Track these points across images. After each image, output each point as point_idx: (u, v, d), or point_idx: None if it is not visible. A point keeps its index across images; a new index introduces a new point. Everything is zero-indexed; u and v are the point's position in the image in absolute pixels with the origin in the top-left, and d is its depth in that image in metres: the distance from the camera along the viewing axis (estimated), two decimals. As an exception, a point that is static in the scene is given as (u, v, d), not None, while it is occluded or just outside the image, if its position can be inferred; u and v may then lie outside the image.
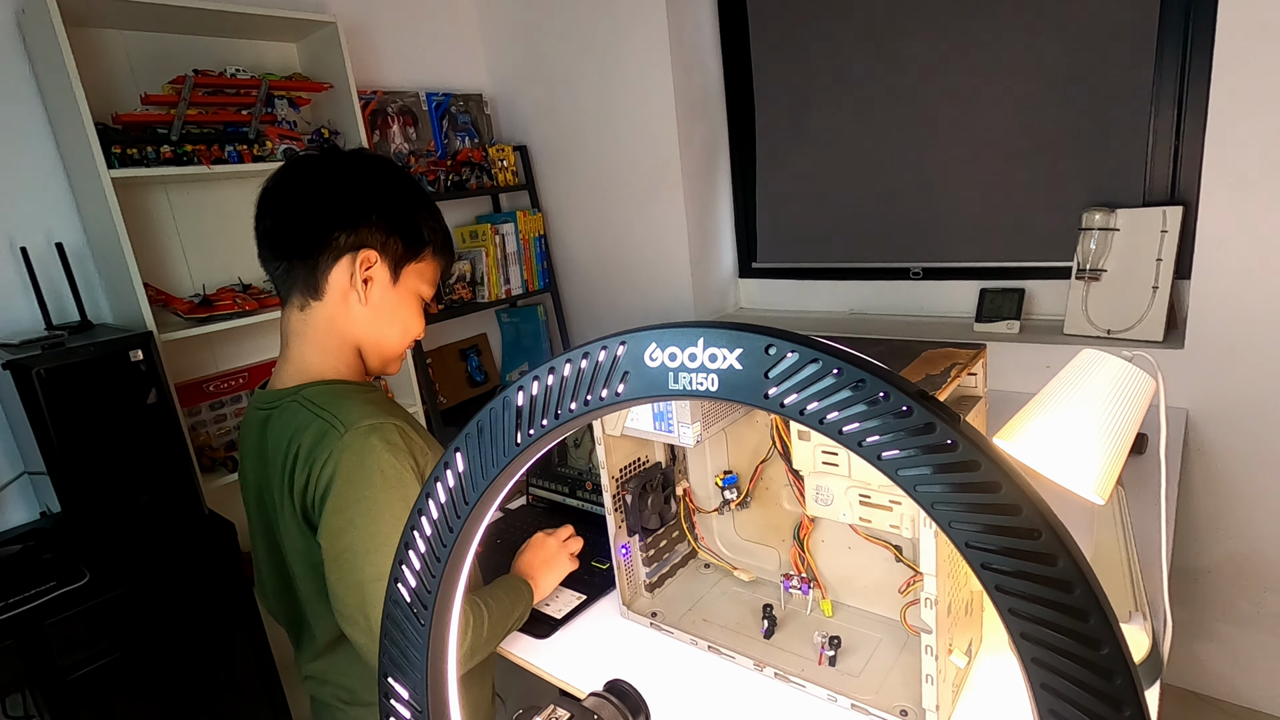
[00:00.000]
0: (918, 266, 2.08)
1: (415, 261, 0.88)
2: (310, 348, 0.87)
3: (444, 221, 0.93)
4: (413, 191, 0.89)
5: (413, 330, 0.91)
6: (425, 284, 0.91)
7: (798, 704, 0.78)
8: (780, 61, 2.21)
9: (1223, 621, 1.66)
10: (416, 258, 0.88)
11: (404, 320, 0.90)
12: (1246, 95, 1.37)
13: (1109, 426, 0.60)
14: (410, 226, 0.87)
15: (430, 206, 0.90)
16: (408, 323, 0.90)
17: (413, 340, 0.93)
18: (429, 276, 0.91)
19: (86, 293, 1.67)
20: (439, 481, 0.38)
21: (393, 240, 0.86)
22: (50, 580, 1.34)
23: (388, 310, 0.88)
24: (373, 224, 0.84)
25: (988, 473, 0.25)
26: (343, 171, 0.86)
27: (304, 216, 0.84)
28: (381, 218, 0.85)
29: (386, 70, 2.30)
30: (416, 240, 0.87)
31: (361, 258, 0.84)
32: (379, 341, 0.89)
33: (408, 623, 0.39)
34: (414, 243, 0.87)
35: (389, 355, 0.91)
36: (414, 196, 0.89)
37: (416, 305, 0.91)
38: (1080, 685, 0.24)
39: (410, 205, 0.88)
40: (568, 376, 0.34)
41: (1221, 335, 1.50)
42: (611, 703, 0.48)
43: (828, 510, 0.72)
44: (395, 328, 0.89)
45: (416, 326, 0.91)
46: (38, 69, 1.60)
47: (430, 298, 0.93)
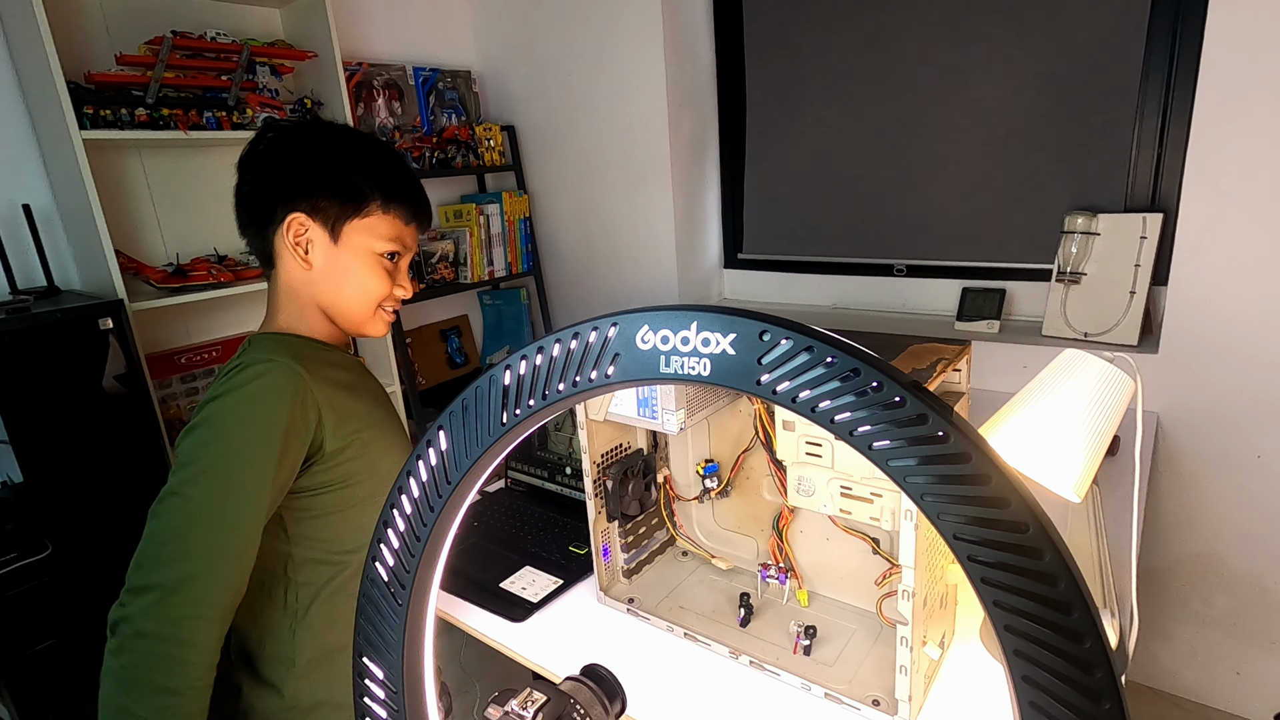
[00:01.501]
0: (901, 263, 2.09)
1: (358, 218, 0.84)
2: (281, 312, 0.88)
3: (399, 171, 0.88)
4: (352, 148, 0.86)
5: (371, 289, 0.87)
6: (380, 239, 0.86)
7: (772, 692, 0.78)
8: (773, 54, 2.20)
9: (1177, 620, 1.71)
10: (359, 214, 0.84)
11: (359, 280, 0.86)
12: (1230, 105, 1.40)
13: (1089, 427, 0.61)
14: (343, 183, 0.83)
15: (376, 161, 0.86)
16: (364, 282, 0.86)
17: (379, 299, 0.88)
18: (383, 231, 0.86)
19: (54, 258, 1.62)
20: (420, 459, 0.37)
21: (325, 201, 0.83)
22: (11, 552, 1.31)
23: (338, 272, 0.85)
24: (302, 187, 0.83)
25: (978, 465, 0.25)
26: (287, 142, 0.85)
27: (249, 190, 0.85)
28: (310, 179, 0.83)
29: (373, 41, 2.24)
30: (353, 196, 0.84)
31: (289, 222, 0.83)
32: (336, 303, 0.87)
33: (384, 602, 0.39)
34: (350, 199, 0.84)
35: (354, 316, 0.88)
36: (352, 153, 0.85)
37: (371, 263, 0.86)
38: (1061, 677, 0.25)
39: (344, 162, 0.84)
40: (556, 357, 0.33)
41: (1195, 342, 1.53)
42: (588, 687, 0.48)
43: (809, 501, 0.73)
44: (350, 288, 0.86)
45: (375, 285, 0.87)
46: (6, 21, 1.54)
47: (399, 251, 0.88)
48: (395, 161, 0.89)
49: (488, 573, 1.06)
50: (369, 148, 0.87)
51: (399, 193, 0.87)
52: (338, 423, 0.82)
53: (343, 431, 0.82)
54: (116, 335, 1.43)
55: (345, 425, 0.83)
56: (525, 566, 1.07)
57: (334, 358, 0.88)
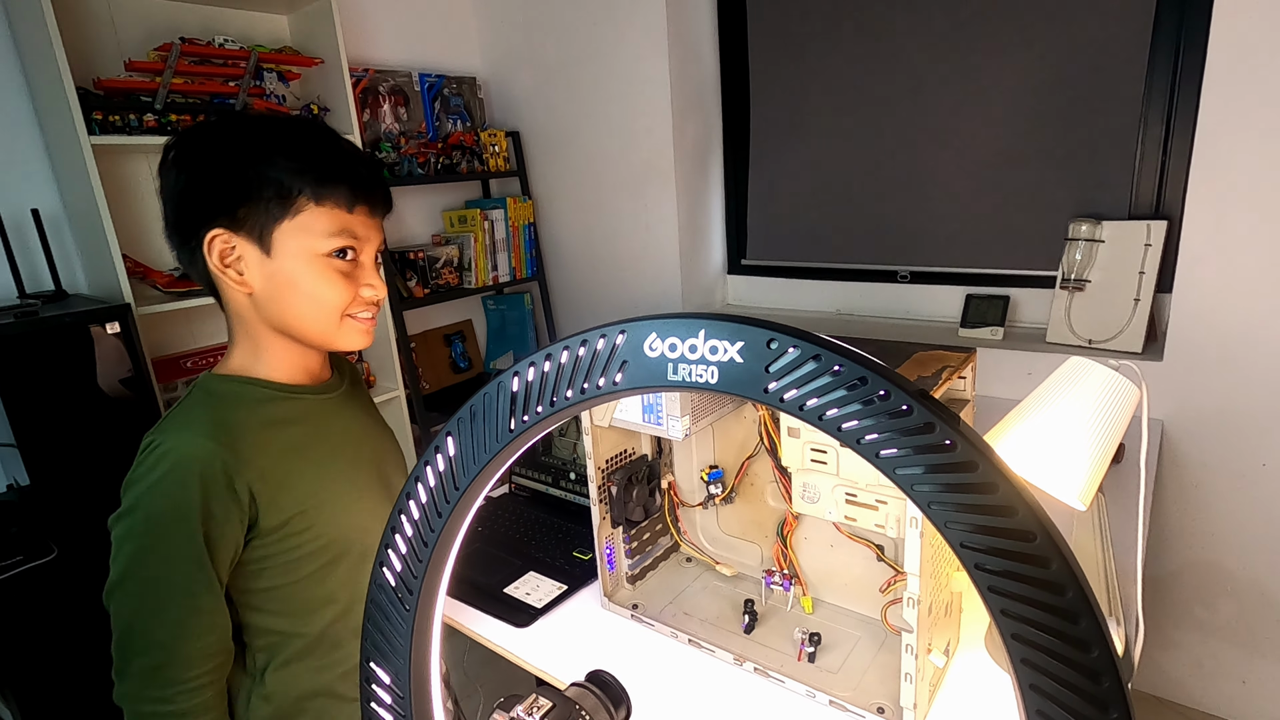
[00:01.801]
0: (905, 270, 2.09)
1: (287, 219, 0.71)
2: (236, 347, 0.79)
3: (327, 150, 0.74)
4: (263, 138, 0.72)
5: (327, 299, 0.73)
6: (320, 237, 0.72)
7: (777, 699, 0.78)
8: (777, 60, 2.20)
9: (1182, 629, 1.70)
10: (286, 214, 0.71)
11: (308, 291, 0.73)
12: (1235, 113, 1.40)
13: (1095, 434, 0.61)
14: (257, 182, 0.70)
15: (295, 145, 0.72)
16: (315, 293, 0.73)
17: (340, 308, 0.75)
18: (321, 227, 0.72)
19: (62, 262, 1.63)
20: (428, 465, 0.38)
21: (243, 208, 0.70)
22: (17, 555, 1.31)
23: (281, 288, 0.73)
24: (214, 198, 0.71)
25: (985, 474, 0.25)
26: (190, 150, 0.73)
27: (166, 212, 0.75)
28: (220, 187, 0.71)
29: (379, 48, 2.26)
30: (274, 194, 0.70)
31: (209, 242, 0.71)
32: (290, 323, 0.75)
33: (392, 608, 0.39)
34: (272, 199, 0.70)
35: (316, 334, 0.76)
36: (264, 144, 0.71)
37: (318, 269, 0.73)
38: (1068, 686, 0.25)
39: (255, 157, 0.71)
40: (565, 364, 0.33)
41: (1199, 349, 1.53)
42: (593, 693, 0.48)
43: (814, 508, 0.73)
44: (300, 304, 0.73)
45: (330, 293, 0.73)
46: (16, 27, 1.55)
47: (352, 246, 0.74)
48: (321, 140, 0.75)
49: (492, 578, 1.06)
50: (284, 132, 0.73)
51: (330, 175, 0.72)
52: (273, 496, 0.73)
53: (281, 505, 0.74)
54: (123, 339, 1.44)
55: (284, 498, 0.74)
56: (529, 572, 1.07)
57: (283, 411, 0.78)
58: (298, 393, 0.80)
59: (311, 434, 0.80)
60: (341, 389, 0.87)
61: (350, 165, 0.74)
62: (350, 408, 0.87)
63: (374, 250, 0.78)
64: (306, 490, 0.77)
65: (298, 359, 0.80)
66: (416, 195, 2.42)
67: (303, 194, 0.71)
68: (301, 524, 0.76)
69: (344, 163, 0.74)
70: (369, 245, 0.77)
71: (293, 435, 0.78)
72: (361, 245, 0.76)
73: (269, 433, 0.75)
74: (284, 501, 0.74)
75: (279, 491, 0.74)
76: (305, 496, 0.76)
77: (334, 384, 0.86)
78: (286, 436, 0.77)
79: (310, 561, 0.78)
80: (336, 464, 0.81)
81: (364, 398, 0.94)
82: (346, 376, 0.91)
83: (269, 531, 0.74)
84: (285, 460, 0.76)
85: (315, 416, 0.81)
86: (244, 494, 0.72)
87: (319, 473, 0.79)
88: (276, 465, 0.74)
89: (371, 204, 0.76)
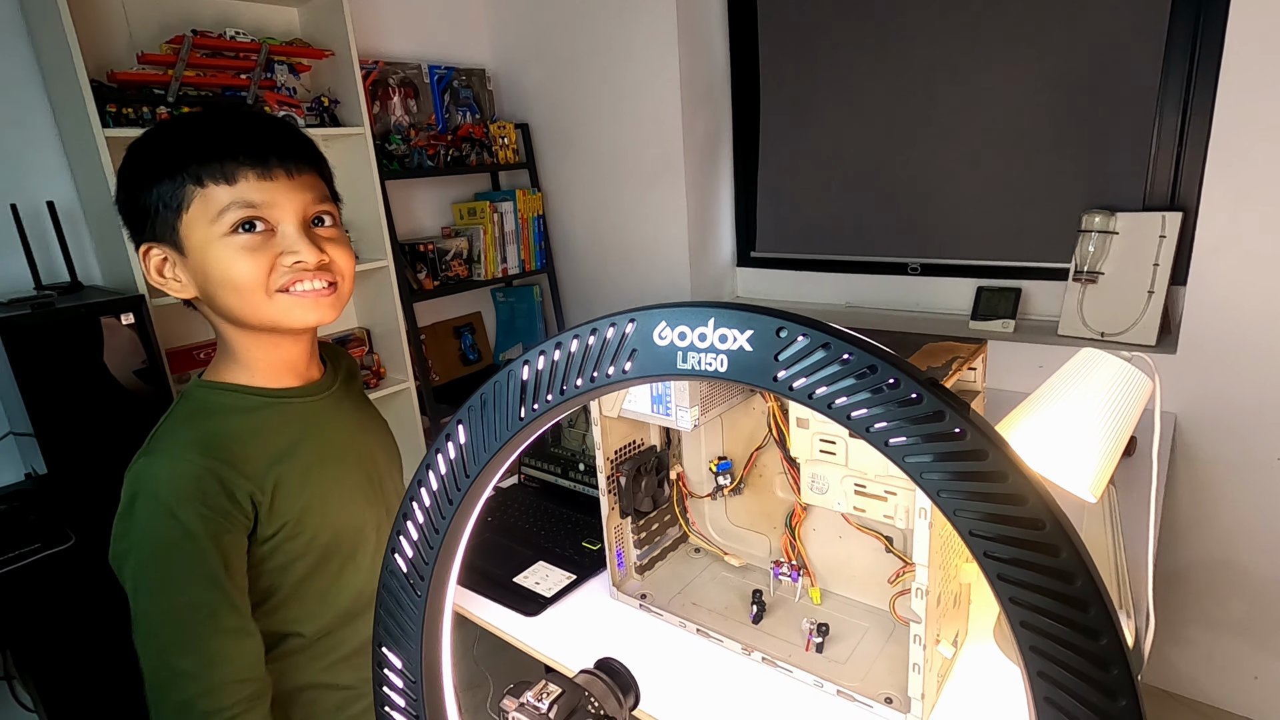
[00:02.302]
0: (916, 262, 2.08)
1: (184, 213, 0.67)
2: (219, 354, 0.78)
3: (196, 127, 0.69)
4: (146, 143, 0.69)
5: (238, 275, 0.68)
6: (211, 222, 0.67)
7: (785, 688, 0.78)
8: (787, 52, 2.19)
9: (1193, 623, 1.69)
10: (182, 210, 0.67)
11: (219, 274, 0.68)
12: (1252, 104, 1.38)
13: (1107, 426, 0.60)
14: (146, 187, 0.67)
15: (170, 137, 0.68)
16: (225, 274, 0.68)
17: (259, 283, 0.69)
18: (210, 210, 0.67)
19: (77, 253, 1.65)
20: (439, 453, 0.38)
21: (149, 219, 0.68)
22: (35, 542, 1.34)
23: (202, 282, 0.70)
24: (128, 216, 0.70)
25: (995, 462, 0.25)
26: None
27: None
28: (126, 203, 0.70)
29: (389, 40, 2.26)
30: (163, 194, 0.67)
31: (142, 255, 0.70)
32: (226, 315, 0.72)
33: (404, 594, 0.39)
34: (162, 199, 0.67)
35: (251, 317, 0.71)
36: (147, 147, 0.68)
37: (221, 249, 0.67)
38: (1077, 674, 0.25)
39: (141, 163, 0.68)
40: (575, 352, 0.34)
41: (1214, 342, 1.51)
42: (603, 680, 0.49)
43: (823, 498, 0.73)
44: (220, 293, 0.69)
45: (239, 270, 0.67)
46: (31, 21, 1.56)
47: (253, 217, 0.68)
48: (199, 122, 0.70)
49: (501, 567, 1.07)
50: (162, 131, 0.70)
51: (202, 151, 0.66)
52: (269, 505, 0.72)
53: (276, 513, 0.73)
54: (137, 330, 1.45)
55: (279, 505, 0.73)
56: (539, 561, 1.08)
57: (272, 419, 0.76)
58: (285, 397, 0.78)
59: (302, 439, 0.77)
60: (333, 389, 0.84)
61: (218, 134, 0.68)
62: (342, 408, 0.85)
63: (296, 214, 0.70)
64: (300, 496, 0.75)
65: (277, 356, 0.77)
66: (426, 187, 2.42)
67: (187, 181, 0.66)
68: (295, 530, 0.75)
69: (221, 136, 0.67)
70: (282, 210, 0.69)
71: (283, 442, 0.75)
72: (268, 212, 0.68)
73: (260, 441, 0.74)
74: (279, 509, 0.73)
75: (274, 499, 0.73)
76: (299, 503, 0.75)
77: (324, 383, 0.83)
78: (277, 444, 0.75)
79: (303, 563, 0.77)
80: (328, 467, 0.79)
81: (358, 394, 0.91)
82: (341, 372, 0.88)
83: (265, 539, 0.73)
84: (278, 468, 0.74)
85: (305, 420, 0.79)
86: (246, 503, 0.70)
87: (311, 478, 0.77)
88: (270, 473, 0.73)
89: (264, 165, 0.68)
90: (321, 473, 0.78)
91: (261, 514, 0.72)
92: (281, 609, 0.78)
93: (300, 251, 0.69)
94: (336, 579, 0.80)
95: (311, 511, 0.76)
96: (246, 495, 0.70)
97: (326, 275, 0.72)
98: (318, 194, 0.73)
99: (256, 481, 0.71)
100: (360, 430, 0.86)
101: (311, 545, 0.77)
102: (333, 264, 0.73)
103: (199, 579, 0.67)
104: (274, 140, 0.69)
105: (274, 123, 0.72)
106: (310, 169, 0.72)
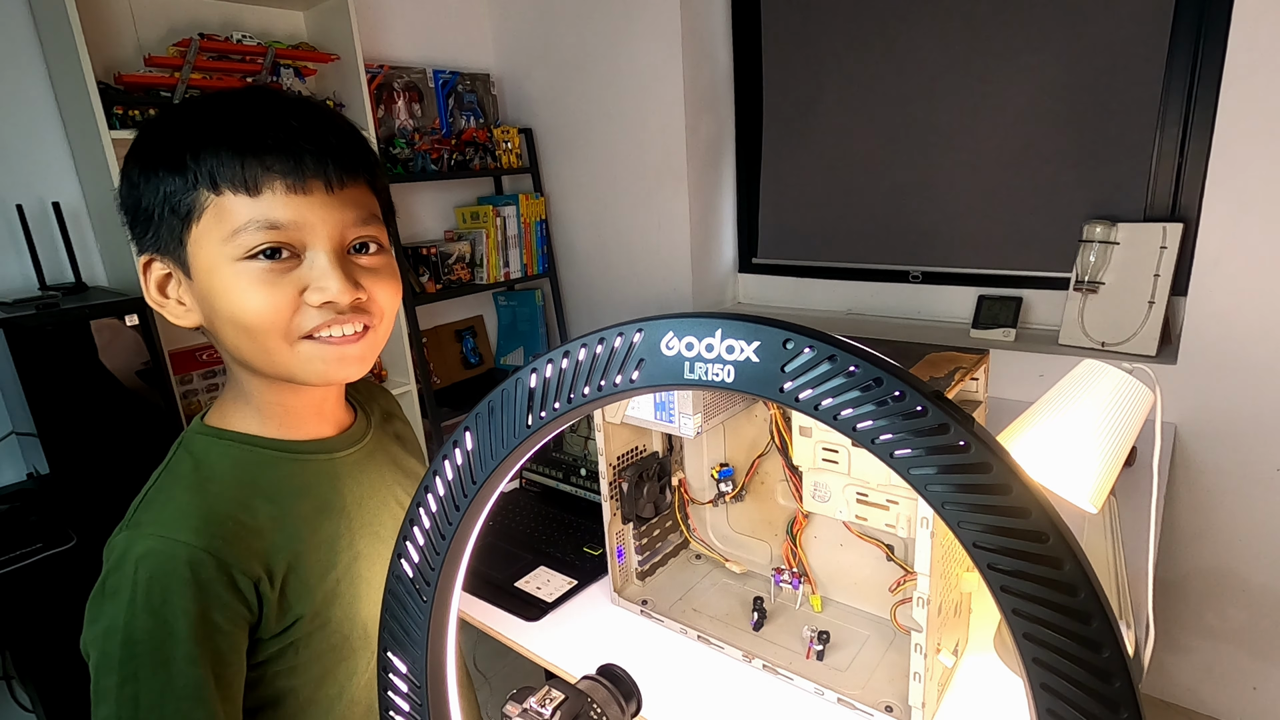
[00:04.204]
0: (917, 270, 2.08)
1: (193, 224, 0.53)
2: (227, 390, 0.64)
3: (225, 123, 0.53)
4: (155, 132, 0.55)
5: (250, 314, 0.54)
6: (228, 240, 0.52)
7: (785, 696, 0.79)
8: (790, 59, 2.20)
9: (1193, 634, 1.69)
10: (192, 220, 0.53)
11: (226, 308, 0.54)
12: (1253, 116, 1.38)
13: (1107, 438, 0.61)
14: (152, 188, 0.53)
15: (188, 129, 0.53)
16: (233, 308, 0.54)
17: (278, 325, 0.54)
18: (228, 224, 0.52)
19: (82, 254, 1.65)
20: (447, 460, 0.38)
21: (153, 227, 0.55)
22: (36, 542, 1.34)
23: (207, 313, 0.57)
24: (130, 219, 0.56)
25: (999, 475, 0.26)
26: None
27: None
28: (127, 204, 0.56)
29: (394, 44, 2.27)
30: (176, 194, 0.53)
31: (141, 268, 0.58)
32: (236, 358, 0.59)
33: (410, 599, 0.40)
34: (170, 205, 0.53)
35: (264, 366, 0.57)
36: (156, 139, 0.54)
37: (232, 275, 0.53)
38: (1079, 686, 0.25)
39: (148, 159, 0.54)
40: (583, 361, 0.34)
41: (1214, 353, 1.51)
42: (605, 686, 0.49)
43: (825, 507, 0.73)
44: (226, 331, 0.56)
45: (252, 303, 0.53)
46: (40, 23, 1.57)
47: (281, 243, 0.53)
48: (217, 103, 0.55)
49: (503, 572, 1.07)
50: (180, 111, 0.55)
51: (221, 144, 0.52)
52: (280, 593, 0.57)
53: (290, 603, 0.58)
54: (141, 331, 1.46)
55: (295, 593, 0.58)
56: (540, 566, 1.08)
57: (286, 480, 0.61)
58: (306, 452, 0.63)
59: (326, 507, 0.63)
60: (364, 440, 0.68)
61: (257, 127, 0.52)
62: (375, 461, 0.69)
63: (332, 239, 0.55)
64: (322, 583, 0.60)
65: (298, 403, 0.62)
66: (429, 191, 2.43)
67: (198, 184, 0.52)
68: (314, 624, 0.59)
69: (247, 126, 0.52)
70: (314, 233, 0.54)
71: (304, 511, 0.61)
72: (296, 234, 0.53)
73: (272, 510, 0.59)
74: (294, 599, 0.58)
75: (287, 586, 0.58)
76: (320, 590, 0.60)
77: (355, 433, 0.68)
78: (295, 512, 0.60)
79: (321, 665, 0.61)
80: (359, 541, 0.63)
81: (394, 438, 0.75)
82: (375, 415, 0.73)
83: (272, 635, 0.58)
84: (294, 546, 0.59)
85: (330, 481, 0.64)
86: (250, 594, 0.56)
87: (339, 558, 0.62)
88: (283, 554, 0.58)
89: (297, 173, 0.52)
90: (350, 548, 0.63)
91: (269, 605, 0.57)
92: (288, 715, 0.62)
93: (330, 288, 0.54)
94: (363, 680, 0.64)
95: (338, 601, 0.61)
96: (250, 585, 0.56)
97: (361, 317, 0.57)
98: (363, 213, 0.57)
99: (265, 565, 0.57)
100: (400, 485, 0.71)
101: (331, 641, 0.61)
102: (370, 302, 0.57)
103: (183, 694, 0.52)
104: (315, 138, 0.53)
105: (319, 113, 0.56)
106: (359, 179, 0.57)
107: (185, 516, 0.55)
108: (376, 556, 0.65)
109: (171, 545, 0.54)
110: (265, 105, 0.55)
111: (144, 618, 0.52)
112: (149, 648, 0.52)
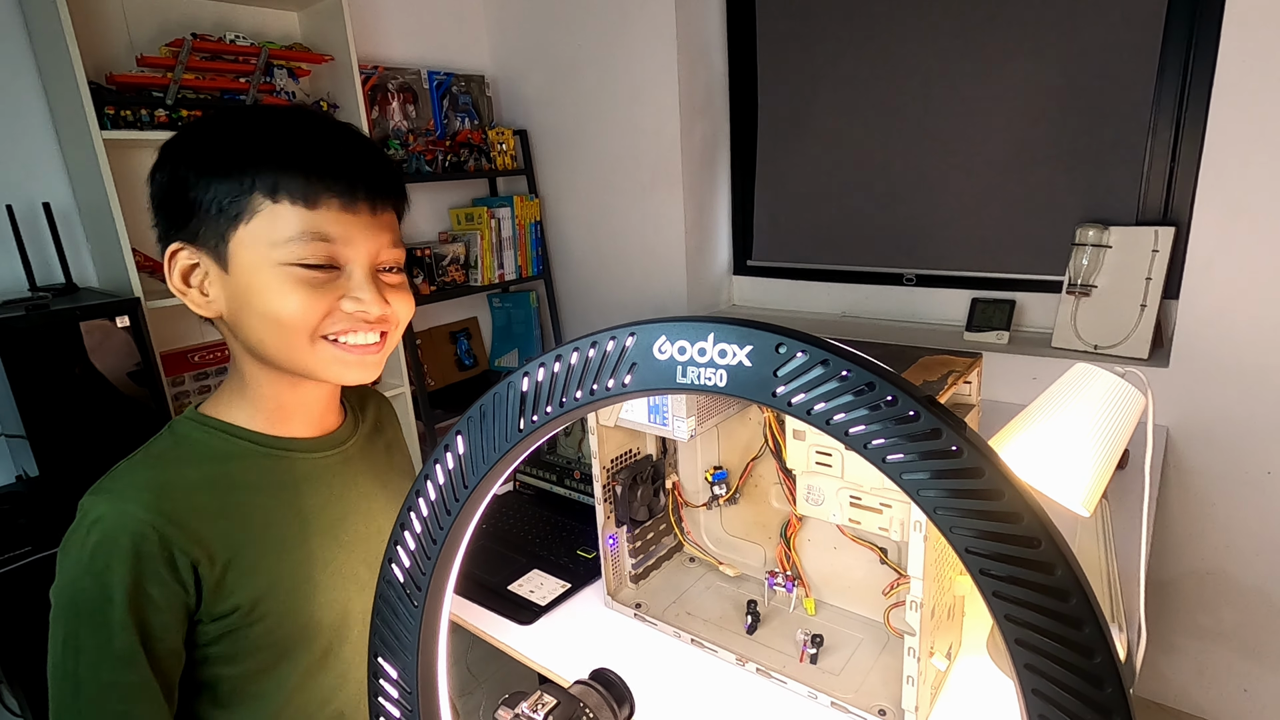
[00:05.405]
0: (911, 273, 2.09)
1: (242, 225, 0.58)
2: (228, 379, 0.68)
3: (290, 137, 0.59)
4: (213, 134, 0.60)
5: (286, 312, 0.58)
6: (277, 245, 0.57)
7: (779, 700, 0.78)
8: (785, 63, 2.20)
9: (1185, 635, 1.70)
10: (240, 219, 0.58)
11: (263, 305, 0.59)
12: (1245, 120, 1.39)
13: (1100, 441, 0.61)
14: (205, 190, 0.57)
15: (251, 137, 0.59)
16: (270, 304, 0.58)
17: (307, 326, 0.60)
18: (280, 231, 0.57)
19: (72, 255, 1.64)
20: (438, 464, 0.38)
21: (194, 219, 0.58)
22: (25, 545, 1.33)
23: (239, 306, 0.60)
24: (165, 209, 0.61)
25: (991, 480, 0.26)
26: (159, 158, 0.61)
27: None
28: (167, 194, 0.60)
29: (389, 45, 2.27)
30: (221, 196, 0.57)
31: (168, 257, 0.61)
32: (256, 349, 0.62)
33: (400, 604, 0.39)
34: (220, 203, 0.57)
35: (285, 359, 0.62)
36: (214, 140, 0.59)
37: (276, 280, 0.58)
38: (1071, 692, 0.25)
39: (201, 157, 0.58)
40: (575, 365, 0.34)
41: (1206, 356, 1.52)
42: (598, 691, 0.49)
43: (818, 510, 0.73)
44: (257, 324, 0.60)
45: (288, 306, 0.58)
46: (31, 23, 1.56)
47: (328, 259, 0.59)
48: (285, 124, 0.60)
49: (496, 575, 1.06)
50: (238, 119, 0.61)
51: (285, 158, 0.57)
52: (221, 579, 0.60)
53: (231, 590, 0.61)
54: (132, 333, 1.45)
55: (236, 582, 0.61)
56: (533, 569, 1.07)
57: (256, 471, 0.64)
58: (283, 449, 0.67)
59: (286, 504, 0.66)
60: (347, 444, 0.72)
61: (318, 148, 0.59)
62: (352, 467, 0.72)
63: (370, 256, 0.61)
64: (262, 575, 0.62)
65: (293, 399, 0.66)
66: (424, 192, 2.43)
67: (256, 192, 0.57)
68: (250, 616, 0.62)
69: (309, 146, 0.58)
70: (356, 250, 0.60)
71: (262, 503, 0.64)
72: (342, 249, 0.59)
73: (229, 499, 0.62)
74: (232, 587, 0.61)
75: (227, 574, 0.60)
76: (260, 582, 0.62)
77: (339, 436, 0.72)
78: (253, 504, 0.63)
79: (258, 659, 0.64)
80: (313, 541, 0.66)
81: (384, 446, 0.79)
82: (366, 422, 0.76)
83: (210, 619, 0.61)
84: (240, 535, 0.62)
85: (299, 480, 0.67)
86: (186, 573, 0.59)
87: (286, 554, 0.64)
88: (228, 541, 0.61)
89: (351, 197, 0.59)
90: (302, 548, 0.65)
91: (206, 589, 0.60)
92: (227, 711, 0.65)
93: (365, 301, 0.60)
94: (303, 682, 0.67)
95: (275, 595, 0.63)
96: (189, 564, 0.58)
97: (382, 326, 0.63)
98: (395, 236, 0.64)
99: (206, 549, 0.59)
100: (373, 496, 0.73)
101: (271, 638, 0.64)
102: (390, 315, 0.64)
103: (111, 656, 0.57)
104: (365, 166, 0.60)
105: (367, 145, 0.63)
106: (392, 207, 0.64)
107: (141, 490, 0.59)
108: (331, 560, 0.67)
109: (121, 516, 0.57)
110: (324, 128, 0.62)
111: (86, 579, 0.57)
112: (89, 609, 0.57)
